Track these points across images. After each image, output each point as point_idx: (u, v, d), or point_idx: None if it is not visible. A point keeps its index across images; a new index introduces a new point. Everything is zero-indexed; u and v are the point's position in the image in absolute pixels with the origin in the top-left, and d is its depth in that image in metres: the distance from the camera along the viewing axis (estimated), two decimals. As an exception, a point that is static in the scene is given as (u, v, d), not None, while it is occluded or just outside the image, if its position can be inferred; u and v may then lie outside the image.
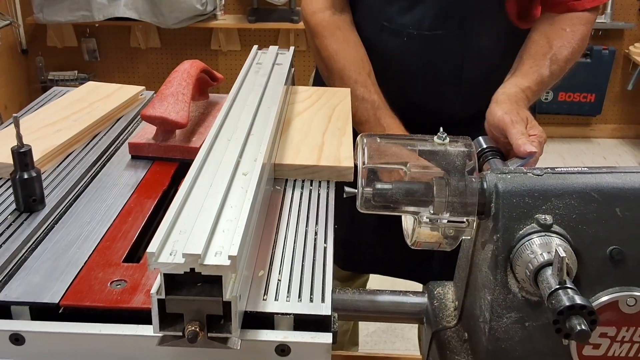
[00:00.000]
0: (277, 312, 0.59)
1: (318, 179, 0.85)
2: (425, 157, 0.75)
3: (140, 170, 0.86)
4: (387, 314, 0.98)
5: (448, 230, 0.75)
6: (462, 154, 0.76)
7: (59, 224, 0.72)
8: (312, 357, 0.57)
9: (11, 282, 0.61)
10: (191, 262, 0.51)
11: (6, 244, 0.67)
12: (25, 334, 0.57)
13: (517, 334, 0.74)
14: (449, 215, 0.73)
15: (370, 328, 2.31)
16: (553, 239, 0.71)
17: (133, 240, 0.69)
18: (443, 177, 0.74)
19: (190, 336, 0.52)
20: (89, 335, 0.57)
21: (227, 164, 0.68)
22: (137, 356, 0.58)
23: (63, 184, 0.80)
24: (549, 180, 0.74)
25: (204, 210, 0.59)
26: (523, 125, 1.01)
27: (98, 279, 0.62)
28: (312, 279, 0.63)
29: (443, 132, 0.76)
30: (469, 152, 0.76)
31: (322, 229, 0.73)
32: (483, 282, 0.77)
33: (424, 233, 0.76)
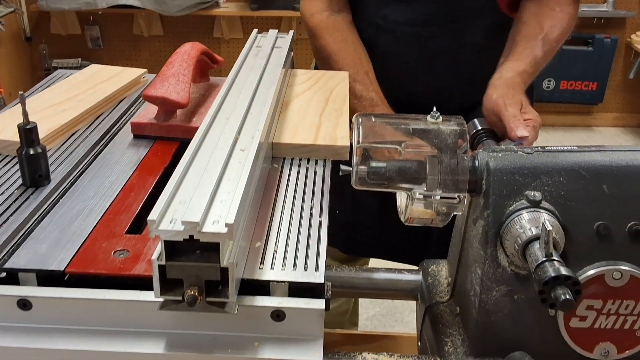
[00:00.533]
0: (272, 279, 0.61)
1: (315, 158, 0.87)
2: (418, 135, 0.78)
3: (142, 148, 0.88)
4: (383, 290, 1.01)
5: (440, 206, 0.77)
6: (454, 132, 0.78)
7: (64, 198, 0.74)
8: (306, 322, 0.60)
9: (19, 251, 0.64)
10: (190, 230, 0.54)
11: (14, 216, 0.69)
12: (32, 299, 0.60)
13: (506, 307, 0.77)
14: (442, 192, 0.76)
15: (370, 312, 2.34)
16: (542, 214, 0.73)
17: (135, 213, 0.72)
18: (436, 156, 0.76)
19: (190, 300, 0.55)
20: (93, 301, 0.59)
21: (225, 140, 0.71)
22: (139, 321, 0.60)
23: (68, 161, 0.82)
24: (538, 158, 0.76)
25: (202, 183, 0.61)
26: (517, 109, 1.03)
27: (102, 249, 0.64)
28: (307, 250, 0.66)
29: (436, 112, 0.79)
30: (461, 130, 0.78)
31: (317, 204, 0.75)
32: (474, 257, 0.79)
33: (417, 209, 0.78)
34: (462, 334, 0.83)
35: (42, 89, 1.06)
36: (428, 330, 0.89)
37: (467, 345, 0.80)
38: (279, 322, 0.60)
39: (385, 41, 1.21)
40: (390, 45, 1.22)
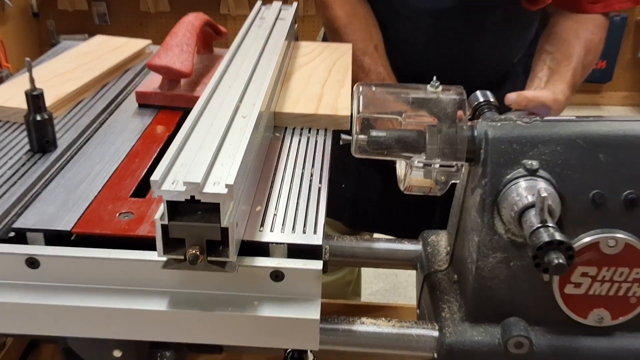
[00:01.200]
0: (272, 241, 0.63)
1: (316, 127, 0.89)
2: (418, 104, 0.79)
3: (146, 117, 0.90)
4: (383, 260, 1.03)
5: (439, 175, 0.79)
6: (453, 101, 0.79)
7: (70, 163, 0.76)
8: (304, 282, 0.62)
9: (27, 212, 0.66)
10: (191, 190, 0.56)
11: (22, 179, 0.71)
12: (39, 257, 0.62)
13: (502, 273, 0.78)
14: (441, 161, 0.77)
15: (373, 287, 2.37)
16: (538, 182, 0.74)
17: (140, 178, 0.73)
18: (435, 125, 0.78)
19: (191, 259, 0.57)
20: (99, 260, 0.61)
21: (227, 107, 0.72)
22: (143, 280, 0.62)
23: (74, 129, 0.84)
24: (536, 127, 0.77)
25: (204, 147, 0.63)
26: None
27: (107, 211, 0.66)
28: (306, 214, 0.68)
29: (436, 81, 0.80)
30: (460, 100, 0.79)
31: (317, 171, 0.77)
32: (472, 225, 0.81)
33: (415, 178, 0.80)
34: (459, 300, 0.85)
35: (48, 59, 1.07)
36: (426, 298, 0.91)
37: (464, 311, 0.82)
38: (278, 282, 0.62)
39: (402, 27, 1.22)
40: (407, 32, 1.22)
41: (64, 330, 0.64)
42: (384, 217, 1.37)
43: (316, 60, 1.07)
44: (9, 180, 0.71)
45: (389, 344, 0.82)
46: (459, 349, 0.79)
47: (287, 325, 0.61)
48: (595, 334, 0.79)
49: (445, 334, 0.80)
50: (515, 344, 0.77)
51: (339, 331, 0.81)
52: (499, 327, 0.80)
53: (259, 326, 0.62)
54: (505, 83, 1.29)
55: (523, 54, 1.30)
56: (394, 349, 0.83)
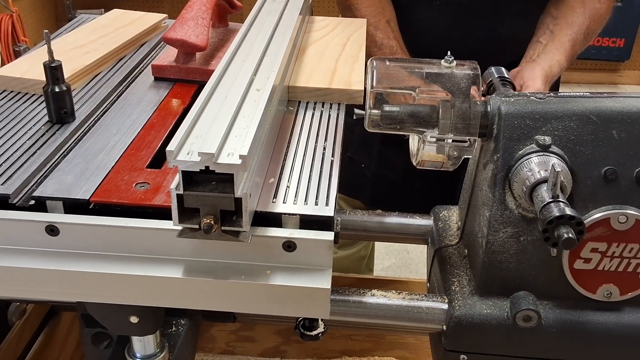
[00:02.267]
0: (284, 212, 0.64)
1: (329, 101, 0.89)
2: (431, 79, 0.79)
3: (162, 90, 0.91)
4: (394, 234, 1.04)
5: (452, 150, 0.79)
6: (467, 76, 0.79)
7: (88, 134, 0.78)
8: (316, 252, 0.63)
9: (46, 181, 0.68)
10: (206, 161, 0.57)
11: (41, 150, 0.73)
12: (59, 225, 0.63)
13: (512, 248, 0.79)
14: (454, 136, 0.77)
15: (385, 263, 2.39)
16: (550, 158, 0.74)
17: (156, 149, 0.75)
18: (449, 100, 0.78)
19: (206, 228, 0.58)
20: (116, 228, 0.63)
21: (241, 80, 0.73)
22: (159, 248, 0.64)
23: (91, 101, 0.85)
24: (550, 103, 0.77)
25: (218, 119, 0.64)
26: None
27: (124, 181, 0.68)
28: (319, 186, 0.69)
29: (450, 56, 0.79)
30: (474, 75, 0.79)
31: (330, 145, 0.77)
32: (483, 200, 0.81)
33: (428, 153, 0.80)
34: (469, 274, 0.86)
35: (65, 32, 1.08)
36: (436, 272, 0.92)
37: (473, 284, 0.83)
38: (290, 252, 0.63)
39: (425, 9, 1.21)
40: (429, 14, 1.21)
41: (83, 295, 0.66)
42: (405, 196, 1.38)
43: (330, 35, 1.07)
44: (28, 150, 0.73)
45: (398, 315, 0.83)
46: (467, 321, 0.80)
47: (298, 294, 0.63)
48: (603, 309, 0.80)
49: (455, 306, 0.81)
50: (523, 318, 0.78)
51: (349, 302, 0.82)
52: (507, 301, 0.81)
53: (271, 294, 0.63)
54: None
55: None
56: (404, 320, 0.84)
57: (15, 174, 0.68)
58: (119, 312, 0.70)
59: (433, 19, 1.22)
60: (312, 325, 0.76)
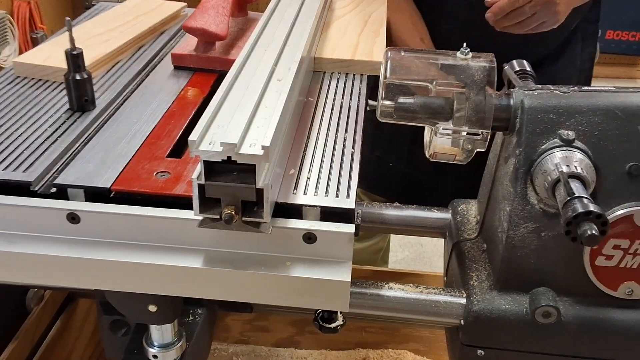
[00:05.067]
0: (305, 203, 0.64)
1: (352, 72, 0.93)
2: (447, 71, 0.78)
3: (182, 79, 0.91)
4: (412, 227, 1.03)
5: (466, 143, 0.78)
6: (482, 69, 0.77)
7: (108, 123, 0.78)
8: (336, 245, 0.63)
9: (67, 169, 0.68)
10: (228, 151, 0.56)
11: (62, 137, 0.73)
12: (80, 213, 0.63)
13: (532, 243, 0.78)
14: (468, 128, 0.76)
15: (399, 255, 2.38)
16: (574, 153, 0.73)
17: (176, 138, 0.75)
18: (464, 92, 0.77)
19: (227, 218, 0.58)
20: (137, 217, 0.63)
21: (263, 70, 0.72)
22: (179, 237, 0.64)
23: (112, 89, 0.86)
24: (574, 97, 0.76)
25: (240, 109, 0.63)
26: None
27: (145, 170, 0.68)
28: (339, 178, 0.68)
29: (466, 48, 0.78)
30: (489, 67, 0.78)
31: (350, 136, 0.77)
32: (504, 194, 0.81)
33: (440, 145, 0.79)
34: (488, 269, 0.85)
35: (84, 20, 1.08)
36: (454, 266, 0.92)
37: (492, 279, 0.83)
38: (310, 244, 0.63)
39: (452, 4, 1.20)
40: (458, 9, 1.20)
41: (102, 283, 0.66)
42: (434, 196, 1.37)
43: (352, 13, 1.11)
44: (49, 138, 0.73)
45: (416, 309, 0.83)
46: (486, 316, 0.80)
47: (318, 286, 0.63)
48: (624, 307, 0.79)
49: (473, 301, 0.81)
50: (543, 314, 0.78)
51: (367, 295, 0.82)
52: (527, 297, 0.80)
53: (291, 286, 0.63)
54: (564, 53, 1.25)
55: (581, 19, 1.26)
56: (421, 314, 0.84)
57: (36, 162, 0.68)
58: (138, 301, 0.71)
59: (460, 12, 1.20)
60: (330, 318, 0.76)
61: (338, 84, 0.90)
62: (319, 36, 0.98)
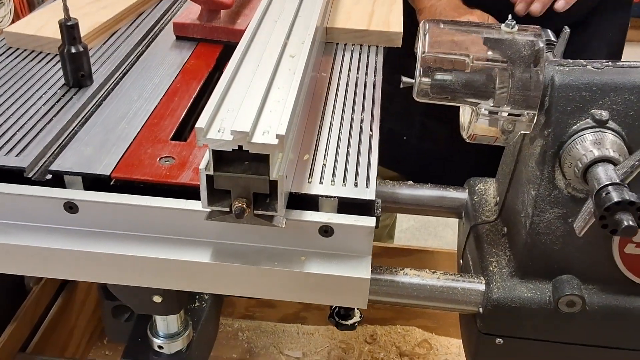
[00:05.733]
0: (321, 194, 0.59)
1: (367, 44, 0.87)
2: (490, 45, 0.72)
3: (185, 50, 0.85)
4: (426, 207, 0.99)
5: (507, 124, 0.72)
6: (530, 43, 0.71)
7: (107, 100, 0.72)
8: (355, 239, 0.58)
9: (64, 153, 0.63)
10: (239, 140, 0.51)
11: (58, 116, 0.68)
12: (78, 202, 0.59)
13: (558, 229, 0.74)
14: (510, 108, 0.71)
15: (404, 225, 2.35)
16: (607, 135, 0.68)
17: (180, 119, 0.69)
18: (507, 69, 0.71)
19: (237, 212, 0.54)
20: (140, 207, 0.59)
21: (274, 45, 0.67)
22: (185, 229, 0.60)
23: (109, 62, 0.80)
24: (608, 74, 0.71)
25: (251, 90, 0.58)
26: None
27: (147, 154, 0.63)
28: (357, 165, 0.63)
29: (512, 20, 0.72)
30: (537, 42, 0.72)
31: (368, 116, 0.72)
32: (528, 177, 0.76)
33: (480, 126, 0.74)
34: (508, 254, 0.81)
35: (80, -16, 1.01)
36: (472, 249, 0.88)
37: (513, 266, 0.79)
38: (327, 238, 0.59)
39: None
40: None
41: (102, 276, 0.62)
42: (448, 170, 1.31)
43: None
44: (44, 117, 0.68)
45: (432, 296, 0.79)
46: (506, 304, 0.76)
47: (335, 283, 0.58)
48: (653, 297, 0.75)
49: (493, 288, 0.77)
50: (567, 303, 0.74)
51: (381, 281, 0.78)
52: (550, 284, 0.76)
53: (306, 282, 0.59)
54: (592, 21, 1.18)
55: None
56: (438, 301, 0.80)
57: (30, 144, 0.63)
58: (141, 292, 0.67)
59: None
60: (347, 314, 0.72)
61: (352, 56, 0.84)
62: (331, 4, 0.91)
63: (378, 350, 1.31)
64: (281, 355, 1.30)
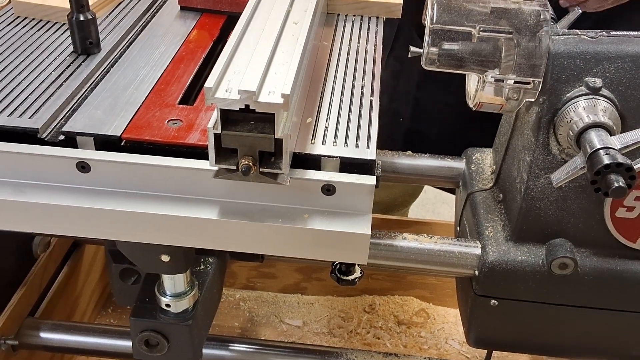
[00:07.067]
0: (324, 154, 0.62)
1: (368, 15, 0.88)
2: (497, 15, 0.73)
3: (189, 20, 0.86)
4: (425, 176, 1.01)
5: (512, 92, 0.74)
6: (535, 13, 0.73)
7: (115, 67, 0.74)
8: (356, 197, 0.61)
9: (75, 116, 0.65)
10: (246, 99, 0.54)
11: (67, 82, 0.70)
12: (90, 162, 0.61)
13: (552, 194, 0.76)
14: (515, 76, 0.73)
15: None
16: (599, 101, 0.71)
17: (186, 85, 0.71)
18: (512, 39, 0.72)
19: (244, 169, 0.56)
20: (150, 166, 0.61)
21: (277, 12, 0.69)
22: (193, 188, 0.62)
23: (116, 31, 0.82)
24: (602, 43, 0.72)
25: (256, 54, 0.60)
26: None
27: (156, 117, 0.65)
28: (358, 128, 0.66)
29: None
30: (543, 11, 0.74)
31: (368, 83, 0.74)
32: (524, 144, 0.78)
33: (486, 95, 0.75)
34: (504, 219, 0.84)
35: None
36: (468, 216, 0.90)
37: (508, 230, 0.81)
38: (329, 196, 0.61)
39: None
40: None
41: (114, 234, 0.65)
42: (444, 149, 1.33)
43: None
44: (55, 82, 0.70)
45: (430, 259, 0.82)
46: (501, 267, 0.79)
47: (337, 239, 0.61)
48: (642, 259, 0.78)
49: (488, 252, 0.80)
50: (559, 265, 0.77)
51: (380, 245, 0.81)
52: (543, 248, 0.79)
53: (309, 238, 0.61)
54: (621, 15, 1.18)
55: None
56: (435, 265, 0.83)
57: (42, 108, 0.65)
58: (150, 251, 0.69)
59: None
60: (348, 270, 0.75)
61: (353, 27, 0.86)
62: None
63: (376, 319, 1.34)
64: (282, 324, 1.34)
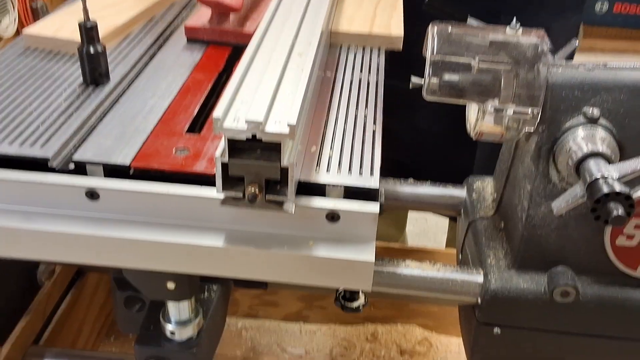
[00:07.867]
0: (328, 182, 0.63)
1: (370, 46, 0.91)
2: (496, 47, 0.75)
3: (196, 52, 0.89)
4: (426, 204, 1.02)
5: (512, 122, 0.76)
6: (533, 45, 0.75)
7: (124, 97, 0.76)
8: (360, 224, 0.62)
9: (85, 145, 0.66)
10: (253, 129, 0.55)
11: (77, 112, 0.71)
12: (99, 190, 0.62)
13: (553, 222, 0.77)
14: (515, 107, 0.74)
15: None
16: (598, 131, 0.72)
17: (193, 114, 0.73)
18: (511, 70, 0.74)
19: (250, 197, 0.57)
20: (158, 195, 0.62)
21: (283, 44, 0.71)
22: (200, 216, 0.63)
23: (125, 62, 0.84)
24: (600, 74, 0.74)
25: (262, 84, 0.62)
26: None
27: (164, 146, 0.66)
28: (362, 156, 0.67)
29: (516, 23, 0.76)
30: (541, 43, 0.76)
31: (371, 112, 0.75)
32: (524, 172, 0.79)
33: (487, 124, 0.77)
34: (505, 247, 0.84)
35: (94, -10, 1.05)
36: (470, 244, 0.91)
37: (510, 258, 0.82)
38: (334, 223, 0.62)
39: None
40: None
41: (122, 261, 0.65)
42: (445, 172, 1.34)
43: None
44: (65, 112, 0.71)
45: (433, 287, 0.83)
46: (503, 295, 0.79)
47: (341, 266, 0.62)
48: (644, 287, 0.78)
49: (491, 280, 0.80)
50: (561, 293, 0.77)
51: (383, 273, 0.81)
52: (545, 276, 0.79)
53: (314, 266, 0.62)
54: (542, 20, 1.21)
55: None
56: (438, 292, 0.83)
57: (53, 137, 0.67)
58: (156, 278, 0.70)
59: None
60: (352, 297, 0.76)
61: (355, 58, 0.88)
62: (335, 8, 0.95)
63: (379, 348, 1.34)
64: (284, 353, 1.33)
